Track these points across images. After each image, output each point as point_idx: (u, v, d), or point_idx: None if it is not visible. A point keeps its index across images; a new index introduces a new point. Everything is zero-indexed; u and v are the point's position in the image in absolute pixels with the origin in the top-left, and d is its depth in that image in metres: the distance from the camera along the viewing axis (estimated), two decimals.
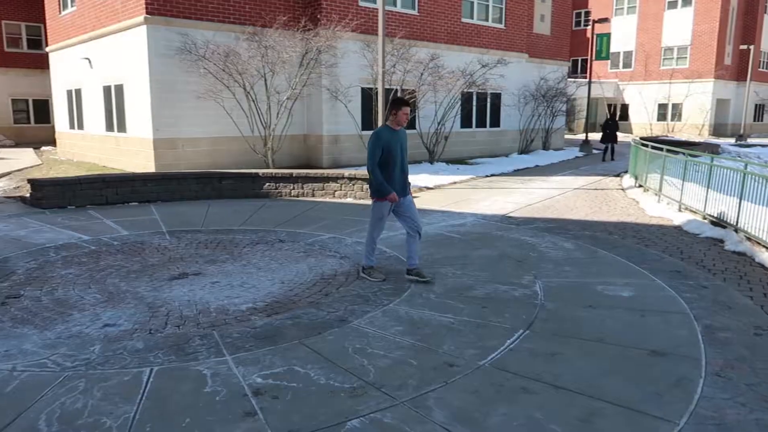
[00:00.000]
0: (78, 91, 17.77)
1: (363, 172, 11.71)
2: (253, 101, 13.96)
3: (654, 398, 3.45)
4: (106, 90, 15.82)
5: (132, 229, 8.30)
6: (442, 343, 4.25)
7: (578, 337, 4.39)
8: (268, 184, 11.54)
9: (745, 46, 33.35)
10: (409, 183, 6.04)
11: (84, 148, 17.79)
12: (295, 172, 11.80)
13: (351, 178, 11.44)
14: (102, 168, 15.60)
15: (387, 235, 7.95)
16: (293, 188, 11.54)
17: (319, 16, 15.28)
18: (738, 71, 37.66)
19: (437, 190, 12.70)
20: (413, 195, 11.88)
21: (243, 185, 11.49)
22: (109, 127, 16.00)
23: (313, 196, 11.50)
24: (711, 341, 4.31)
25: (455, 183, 13.84)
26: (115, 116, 15.54)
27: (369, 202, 11.07)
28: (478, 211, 10.02)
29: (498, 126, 21.11)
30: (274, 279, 5.92)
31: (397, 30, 16.63)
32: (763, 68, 41.23)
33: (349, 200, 11.19)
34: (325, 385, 3.59)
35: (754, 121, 40.97)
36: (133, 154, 14.66)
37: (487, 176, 15.32)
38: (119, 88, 15.07)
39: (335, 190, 11.47)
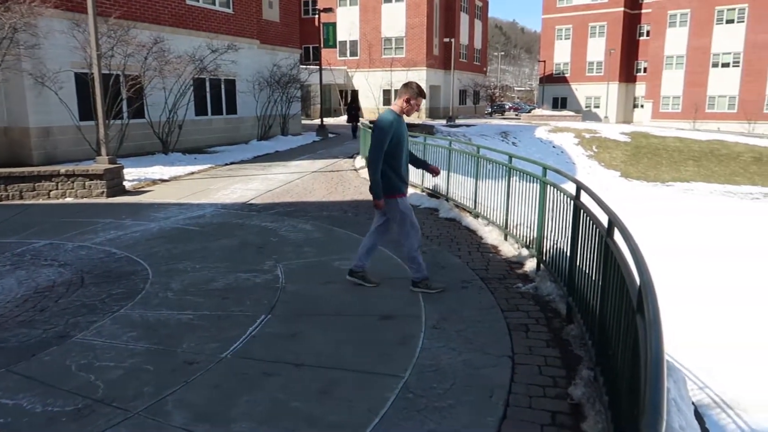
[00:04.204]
0: None
1: (84, 167, 10.48)
2: None
3: (384, 358, 3.79)
4: None
5: None
6: (182, 342, 4.06)
7: (318, 314, 4.60)
8: None
9: (448, 39, 38.34)
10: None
11: None
12: None
13: (69, 175, 10.13)
14: None
15: (116, 235, 7.27)
16: None
17: None
18: (444, 61, 43.13)
19: (174, 182, 12.01)
20: (146, 189, 11.07)
21: None
22: None
23: (22, 198, 9.91)
24: (429, 299, 4.90)
25: (193, 173, 13.26)
26: None
27: (94, 201, 10.00)
28: (217, 201, 9.76)
29: (235, 113, 20.79)
30: None
31: (112, 9, 15.11)
32: (463, 59, 47.91)
33: (69, 200, 9.93)
34: (41, 413, 3.15)
35: (460, 104, 47.51)
36: None
37: (226, 164, 15.00)
38: None
39: (50, 190, 10.05)
